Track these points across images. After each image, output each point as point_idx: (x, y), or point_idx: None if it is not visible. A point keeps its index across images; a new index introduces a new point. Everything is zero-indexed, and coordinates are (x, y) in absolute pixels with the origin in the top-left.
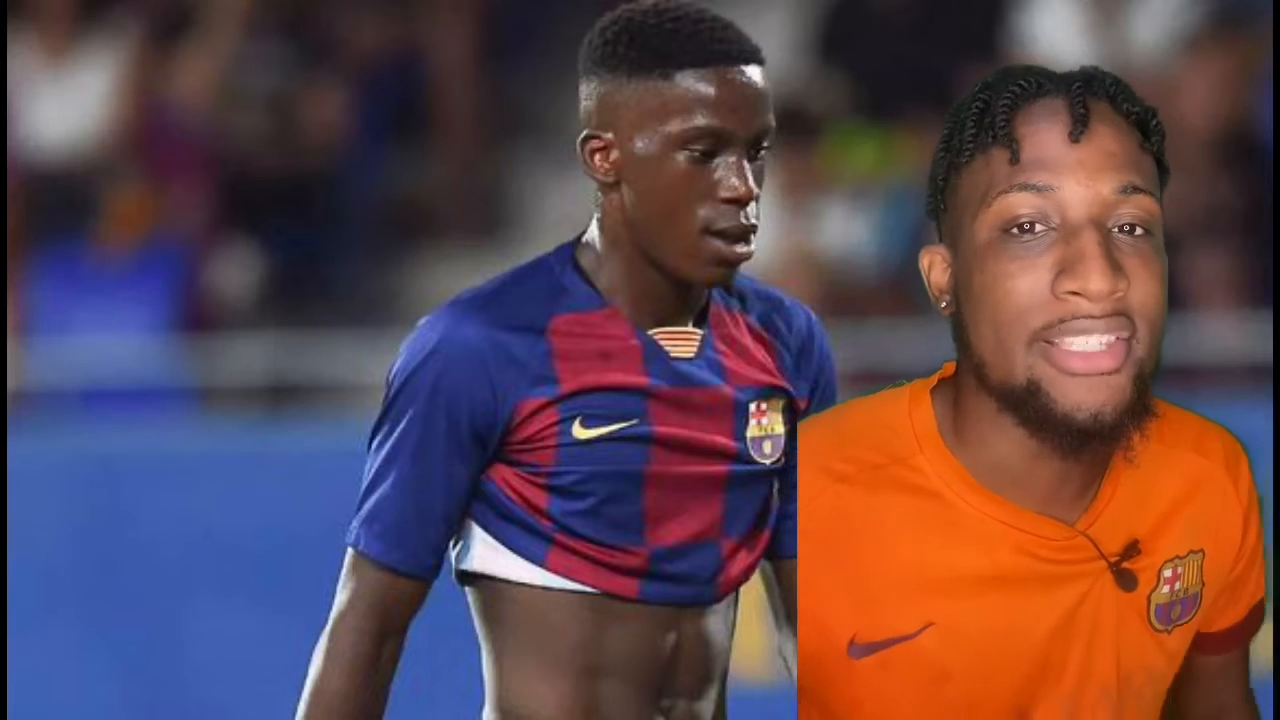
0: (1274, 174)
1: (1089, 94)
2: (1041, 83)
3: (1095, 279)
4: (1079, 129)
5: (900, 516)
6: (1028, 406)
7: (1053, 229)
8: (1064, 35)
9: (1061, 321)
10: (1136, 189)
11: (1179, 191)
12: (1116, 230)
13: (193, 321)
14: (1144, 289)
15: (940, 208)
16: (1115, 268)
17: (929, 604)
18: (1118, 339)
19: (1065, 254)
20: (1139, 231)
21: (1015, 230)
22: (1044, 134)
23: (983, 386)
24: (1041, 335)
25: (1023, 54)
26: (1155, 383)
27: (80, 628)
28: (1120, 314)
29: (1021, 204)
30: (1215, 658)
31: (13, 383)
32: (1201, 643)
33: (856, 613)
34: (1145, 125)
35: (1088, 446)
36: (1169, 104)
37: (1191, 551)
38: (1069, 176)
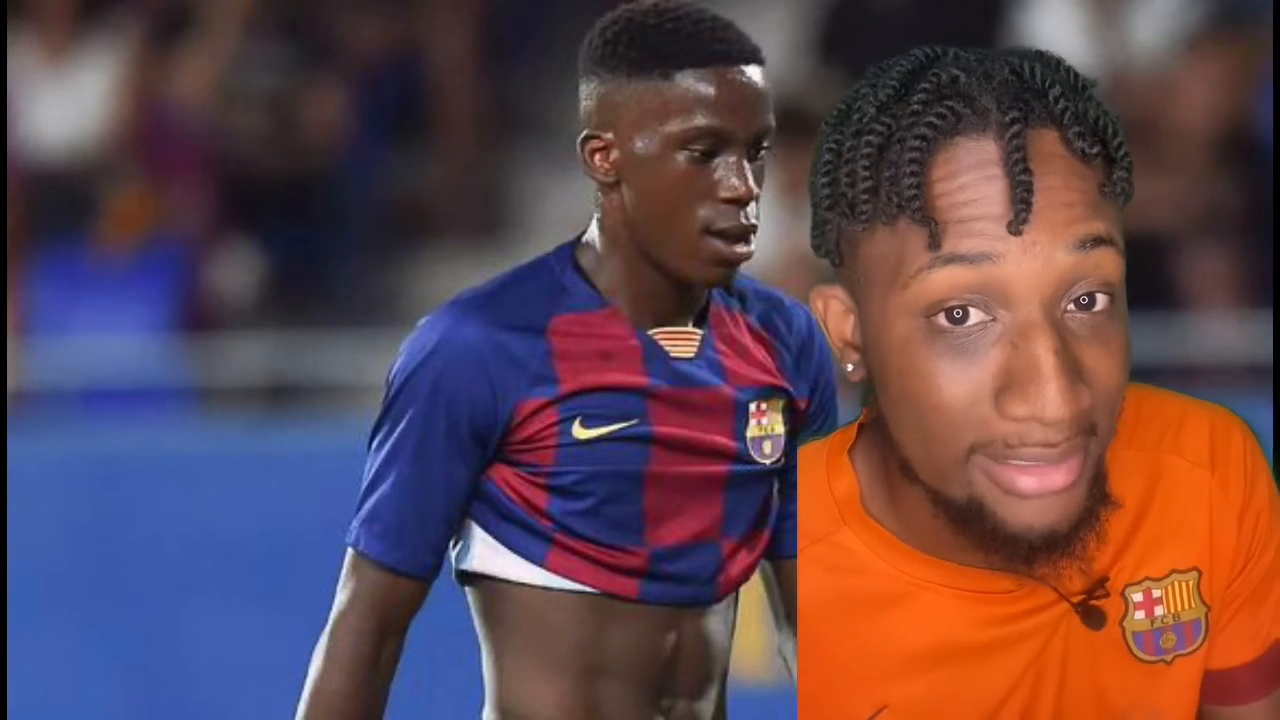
0: (1274, 174)
1: (1030, 127)
2: (960, 112)
3: (1053, 405)
4: (1022, 212)
5: (830, 601)
6: (969, 522)
7: (992, 320)
8: (1064, 35)
9: (1009, 446)
10: (1098, 240)
11: (1179, 191)
12: (1072, 308)
13: (193, 321)
14: (1106, 384)
15: (834, 256)
16: (1075, 381)
17: (879, 689)
18: (1075, 455)
19: (1012, 362)
20: (1099, 304)
21: (944, 319)
22: (973, 209)
23: (910, 479)
24: (983, 451)
25: None
26: (1153, 382)
27: (80, 628)
28: (1081, 433)
29: (949, 284)
30: (1237, 710)
31: (13, 383)
32: (1212, 689)
33: (814, 701)
34: (1110, 159)
35: (1039, 559)
36: (1169, 104)
37: (1175, 571)
38: (1011, 245)
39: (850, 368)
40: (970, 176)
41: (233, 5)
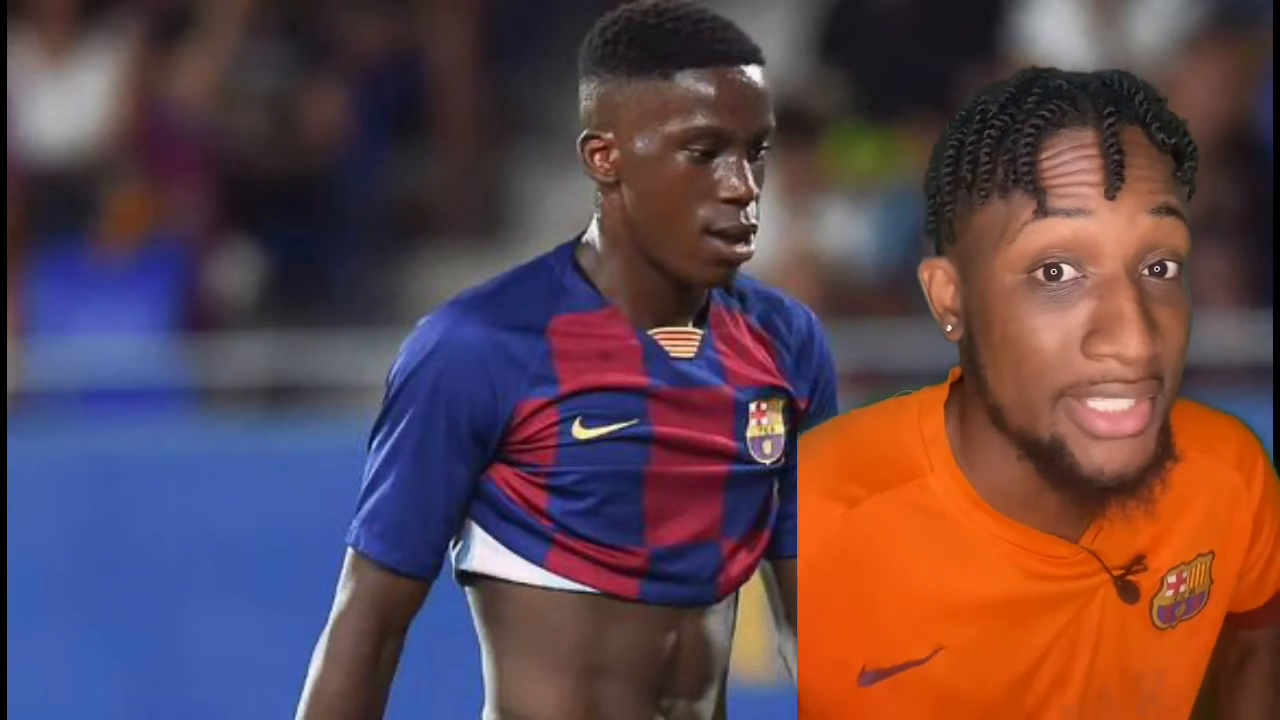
0: (1274, 174)
1: (1121, 122)
2: (1065, 109)
3: (1134, 344)
4: (1115, 184)
5: (912, 540)
6: (1050, 463)
7: (1083, 276)
8: (1064, 35)
9: (1092, 383)
10: (1171, 210)
11: None
12: (1148, 274)
13: (193, 321)
14: (1174, 343)
15: (947, 234)
16: (1152, 327)
17: (940, 629)
18: (1146, 400)
19: (1099, 310)
20: (1170, 272)
21: (1042, 275)
22: (1075, 178)
23: (995, 424)
24: (1069, 392)
25: (1023, 54)
26: None
27: (80, 628)
28: (1152, 377)
29: (1049, 237)
30: (1256, 631)
31: (13, 383)
32: (1233, 620)
33: (867, 641)
34: (1180, 153)
35: (1111, 501)
36: (1169, 104)
37: (1199, 555)
38: (1104, 211)
39: (949, 328)
40: (1073, 156)
41: (233, 5)
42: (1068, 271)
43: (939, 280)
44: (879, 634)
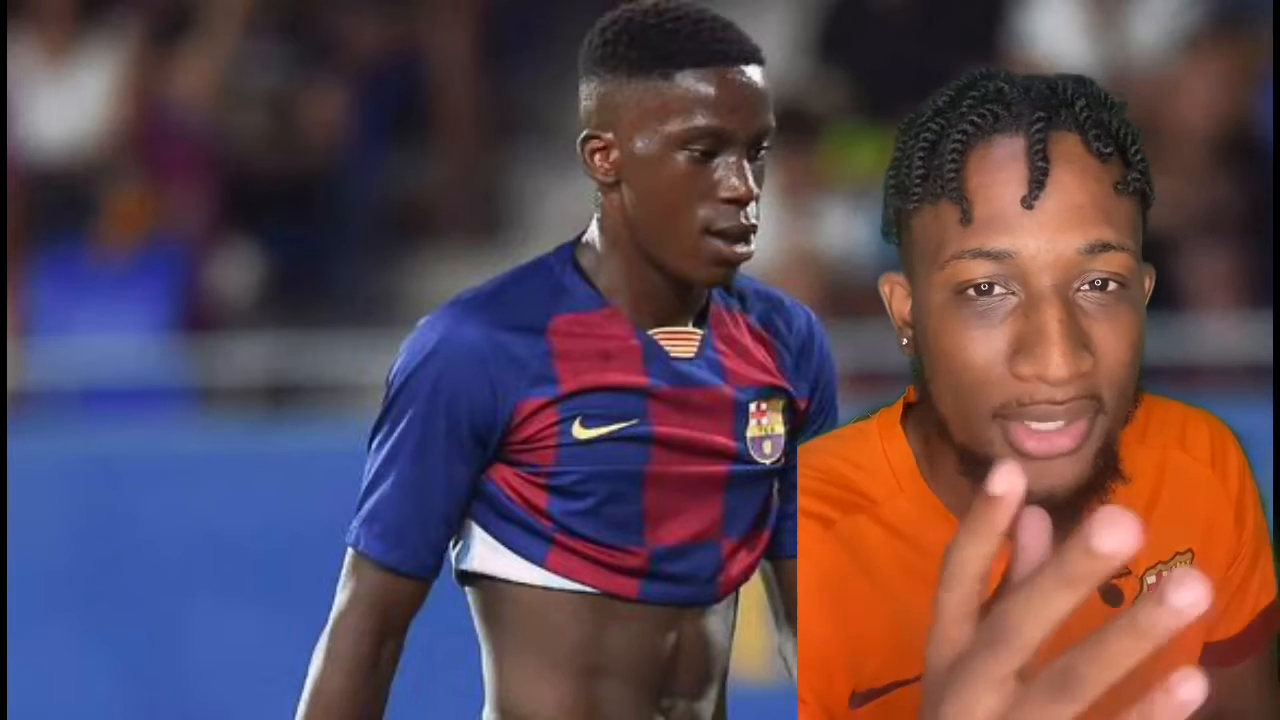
0: (1274, 174)
1: (1052, 129)
2: (998, 114)
3: (1054, 364)
4: (1035, 190)
5: (888, 561)
6: (985, 480)
7: (1012, 293)
8: (1064, 35)
9: (1021, 405)
10: (1105, 246)
11: (1179, 191)
12: (1085, 287)
13: (193, 321)
14: (1112, 357)
15: (893, 239)
16: (1078, 346)
17: (919, 655)
18: (1082, 419)
19: (1024, 329)
20: (1110, 286)
21: (971, 291)
22: (998, 188)
23: (944, 436)
24: (1001, 412)
25: (1023, 54)
26: (1154, 382)
27: (80, 628)
28: (1085, 396)
29: (976, 271)
30: (1226, 671)
31: (13, 383)
32: (1207, 656)
33: (856, 663)
34: (1125, 157)
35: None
36: (1169, 104)
37: (1177, 554)
38: (1027, 238)
39: (905, 341)
40: (998, 172)
41: (233, 5)
42: (997, 290)
43: (898, 295)
44: (867, 655)
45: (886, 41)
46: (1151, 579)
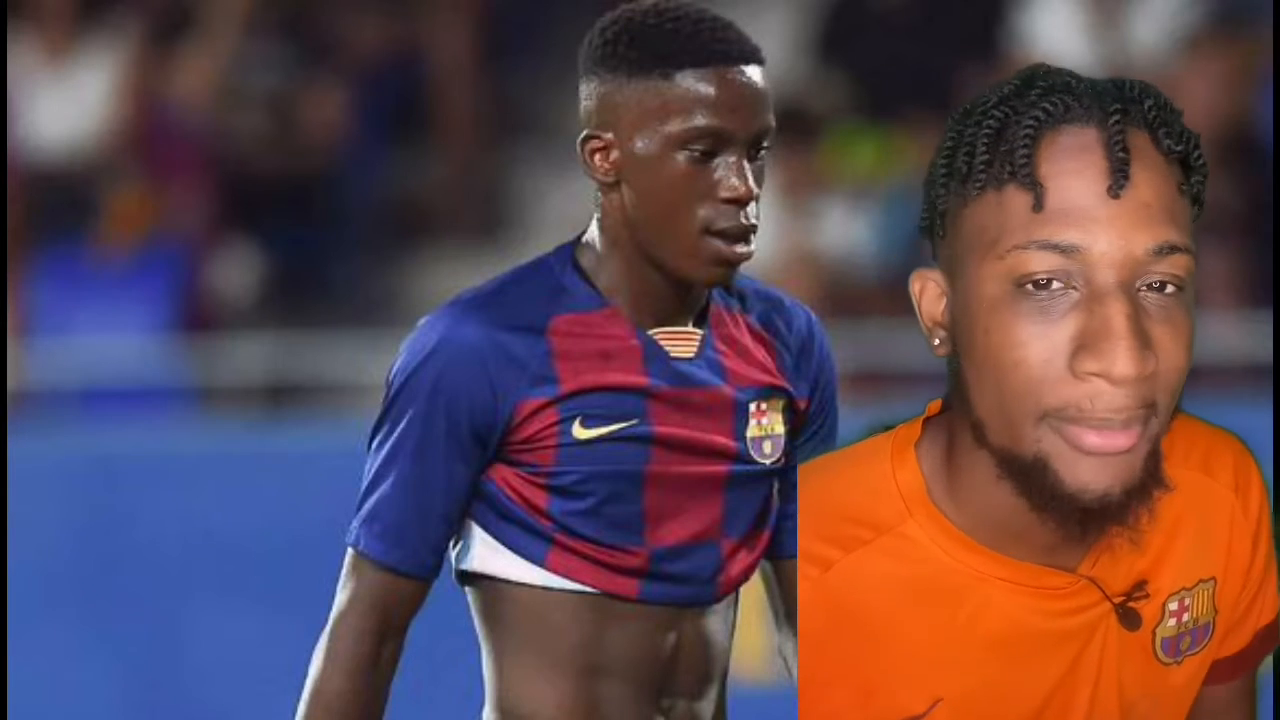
0: (1274, 174)
1: (1128, 125)
2: (1070, 105)
3: (1122, 362)
4: (1120, 182)
5: (896, 593)
6: (1031, 480)
7: (1074, 288)
8: (1064, 35)
9: (1080, 411)
10: (1173, 248)
11: None
12: (1145, 289)
13: (193, 321)
14: (1170, 361)
15: (938, 232)
16: (1144, 345)
17: (937, 680)
18: (1137, 424)
19: (1088, 324)
20: (1170, 289)
21: (1030, 286)
22: (1074, 178)
23: (980, 443)
24: (1053, 414)
25: (1023, 54)
26: None
27: (80, 628)
28: (1143, 405)
29: (1040, 264)
30: (1219, 687)
31: (13, 383)
32: (1209, 671)
33: (864, 702)
34: (1187, 162)
35: (1091, 524)
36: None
37: (1200, 581)
38: (1100, 235)
39: (936, 342)
40: (1074, 161)
41: (233, 5)
42: (1056, 285)
43: (930, 293)
44: (875, 694)
45: (886, 41)
46: (1174, 605)
